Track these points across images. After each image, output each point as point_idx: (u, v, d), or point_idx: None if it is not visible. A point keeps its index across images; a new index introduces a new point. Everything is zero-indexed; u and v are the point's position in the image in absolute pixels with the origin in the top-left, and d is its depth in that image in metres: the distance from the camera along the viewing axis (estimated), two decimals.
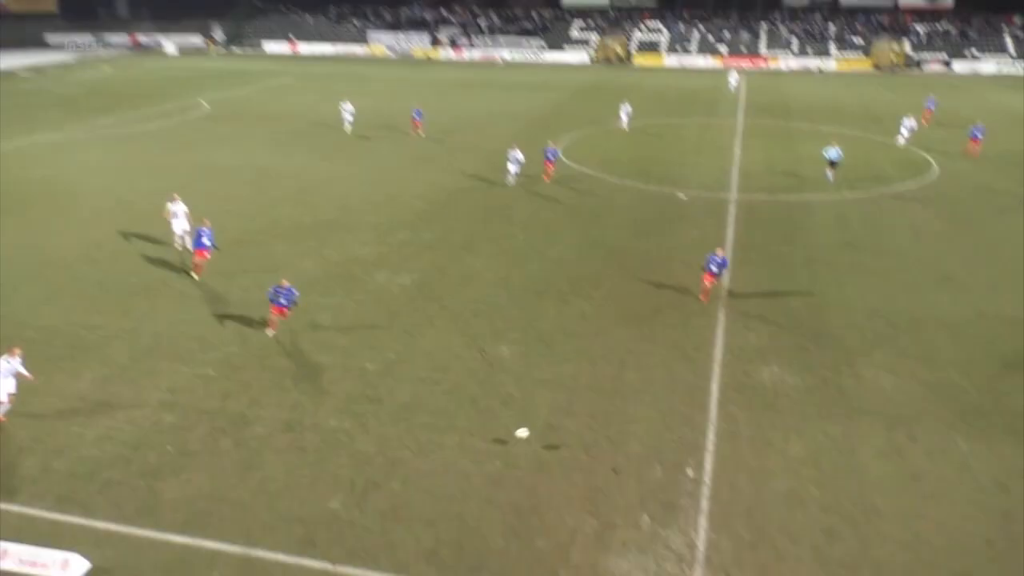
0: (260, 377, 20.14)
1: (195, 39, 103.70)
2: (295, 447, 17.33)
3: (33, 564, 13.79)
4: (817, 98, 64.80)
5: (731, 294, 25.30)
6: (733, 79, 66.15)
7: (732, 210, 34.17)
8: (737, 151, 45.42)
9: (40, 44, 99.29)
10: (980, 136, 43.58)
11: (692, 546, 14.54)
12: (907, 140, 45.42)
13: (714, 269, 24.34)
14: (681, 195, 36.32)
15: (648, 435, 17.87)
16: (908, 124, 45.51)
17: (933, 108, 53.32)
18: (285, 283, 22.17)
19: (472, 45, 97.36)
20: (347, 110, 49.52)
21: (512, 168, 36.69)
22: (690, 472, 16.59)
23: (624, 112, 50.54)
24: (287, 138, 48.32)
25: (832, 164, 36.53)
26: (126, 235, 30.48)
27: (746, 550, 14.42)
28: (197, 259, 25.86)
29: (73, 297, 24.76)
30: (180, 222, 28.14)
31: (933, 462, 16.89)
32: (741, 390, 19.74)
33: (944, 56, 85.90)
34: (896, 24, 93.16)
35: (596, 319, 23.68)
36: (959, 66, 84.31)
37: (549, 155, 37.98)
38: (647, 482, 16.29)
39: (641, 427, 18.18)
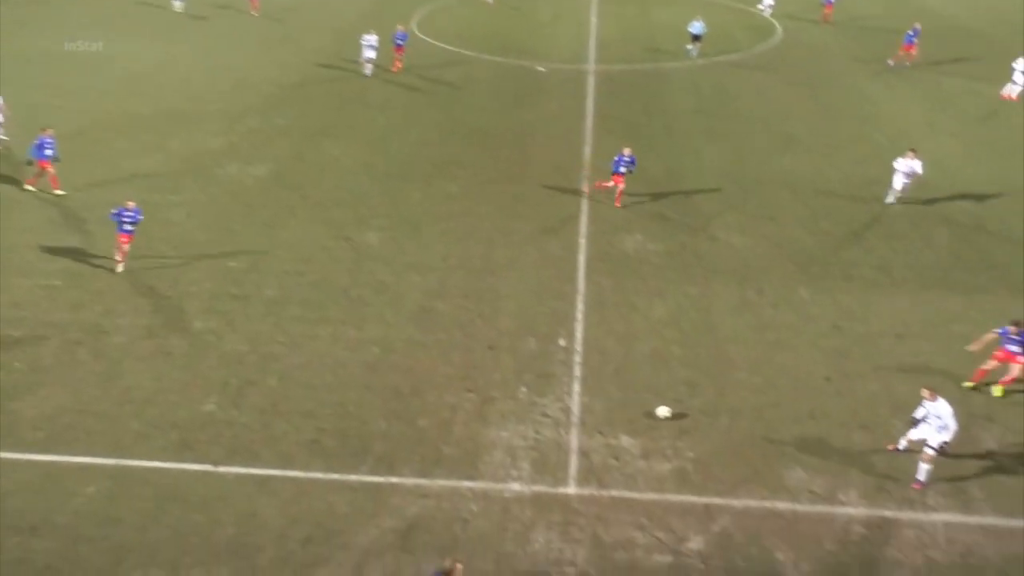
0: (113, 284, 19.00)
1: None
2: (160, 353, 16.69)
3: None
4: None
5: (594, 165, 25.75)
6: None
7: (591, 81, 34.27)
8: (594, 20, 45.12)
9: None
10: (914, 40, 38.83)
11: (567, 411, 15.34)
12: (771, 9, 45.54)
13: (622, 170, 22.91)
14: (540, 68, 35.98)
15: (520, 310, 18.36)
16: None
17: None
18: (132, 204, 19.44)
19: None
20: None
21: (368, 54, 33.95)
22: (562, 342, 17.28)
23: None
24: (110, 17, 43.62)
25: (696, 38, 36.53)
26: None
27: (616, 409, 15.36)
28: (39, 169, 23.10)
29: None
30: None
31: (779, 312, 18.34)
32: (606, 260, 20.47)
33: None
34: None
35: (462, 199, 23.61)
36: None
37: (398, 40, 34.94)
38: (522, 355, 16.87)
39: (513, 303, 18.63)
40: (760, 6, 45.79)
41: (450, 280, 19.47)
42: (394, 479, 13.67)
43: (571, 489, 13.55)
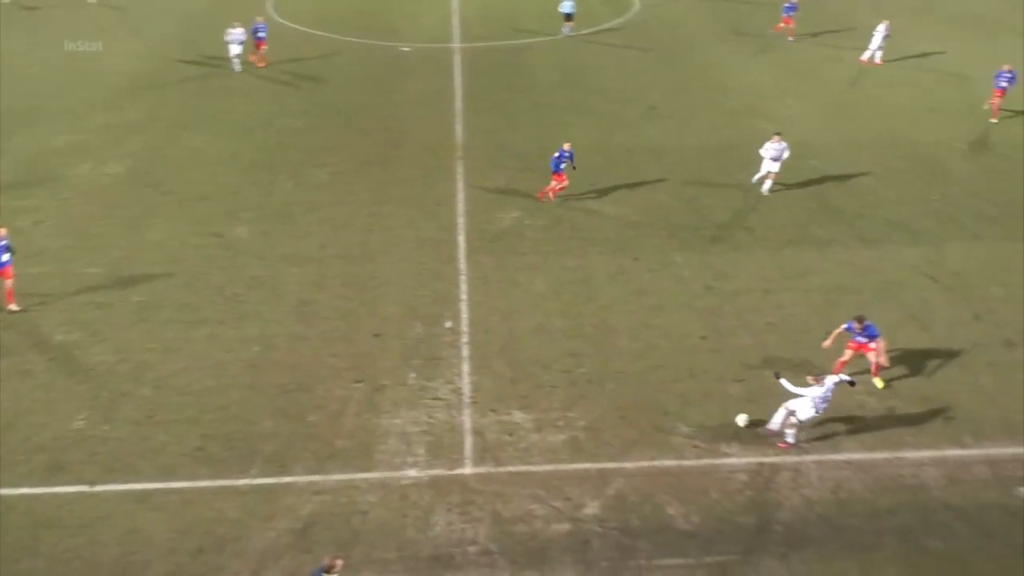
0: None
1: None
2: (17, 372, 15.57)
3: None
4: None
5: (466, 145, 25.75)
6: None
7: (457, 60, 34.12)
8: None
9: None
10: (792, 12, 38.33)
11: (458, 392, 15.42)
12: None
13: (563, 167, 21.60)
14: (405, 48, 35.48)
15: (404, 295, 18.24)
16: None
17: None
18: (3, 232, 17.27)
19: None
20: None
21: (235, 50, 31.60)
22: (448, 323, 17.31)
23: None
24: None
25: (568, 17, 36.20)
26: None
27: (507, 386, 15.57)
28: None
29: None
30: None
31: (654, 277, 19.03)
32: (485, 238, 20.58)
33: None
34: None
35: (335, 187, 23.11)
36: None
37: (259, 33, 32.28)
38: (409, 340, 16.78)
39: (395, 288, 18.48)
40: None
41: (329, 270, 19.08)
42: (287, 479, 13.39)
43: (468, 469, 13.68)
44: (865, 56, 33.35)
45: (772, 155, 22.30)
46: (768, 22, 38.77)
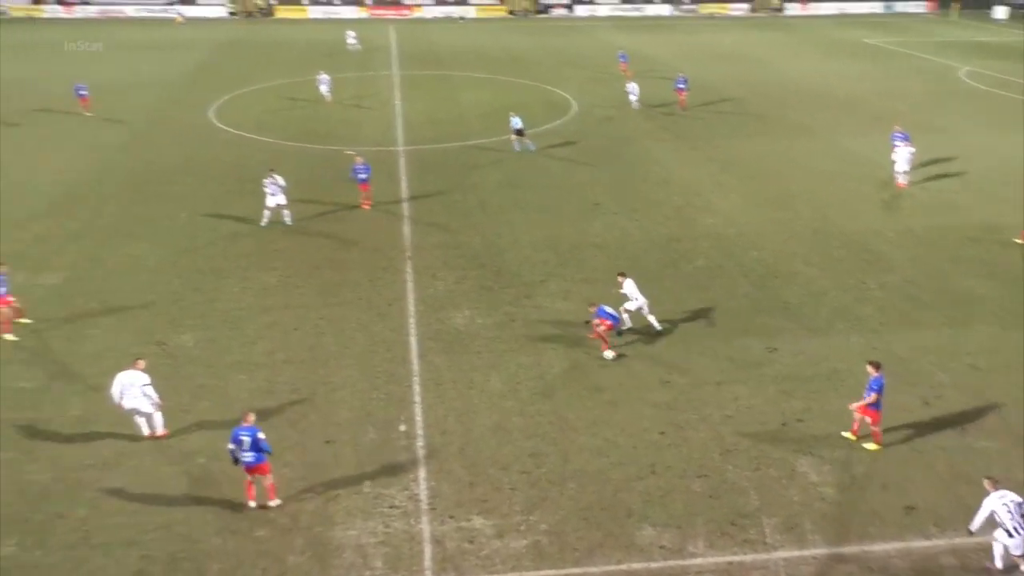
0: None
1: None
2: None
3: None
4: (464, 45, 67.54)
5: (415, 245, 25.85)
6: (351, 38, 63.66)
7: (402, 163, 34.67)
8: (398, 103, 45.94)
9: None
10: (684, 87, 43.69)
11: (415, 498, 14.89)
12: (637, 102, 44.06)
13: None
14: (349, 151, 35.88)
15: (356, 398, 17.81)
16: (634, 89, 44.43)
17: (626, 60, 55.91)
18: (3, 268, 19.60)
19: (86, 1, 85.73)
20: None
21: (276, 201, 27.02)
22: (402, 427, 16.89)
23: (323, 83, 45.21)
24: None
25: (519, 133, 37.13)
26: None
27: (465, 490, 15.12)
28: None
29: None
30: None
31: (609, 372, 19.01)
32: (438, 337, 20.40)
33: (567, 1, 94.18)
34: None
35: (282, 290, 22.80)
36: (580, 10, 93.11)
37: (359, 173, 28.78)
38: (362, 446, 16.28)
39: (347, 392, 18.05)
40: (632, 101, 44.17)
41: (279, 376, 18.58)
42: None
43: None
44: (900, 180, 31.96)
45: None
46: (691, 121, 40.76)
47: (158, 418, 16.30)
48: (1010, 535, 12.82)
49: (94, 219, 27.63)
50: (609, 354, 19.37)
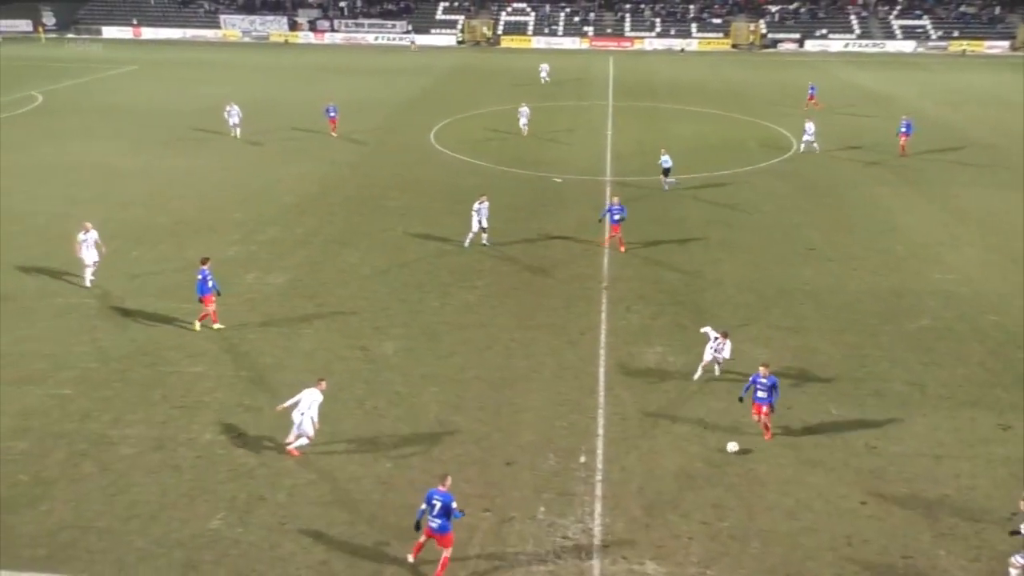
0: (123, 393, 18.70)
1: (22, 24, 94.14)
2: (168, 466, 16.17)
3: None
4: (682, 78, 66.87)
5: (612, 276, 25.65)
6: (544, 72, 64.41)
7: (608, 192, 34.67)
8: (609, 133, 46.19)
9: None
10: (907, 131, 40.18)
11: (589, 532, 14.56)
12: (810, 144, 40.94)
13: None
14: (557, 179, 36.54)
15: (539, 423, 17.80)
16: (810, 129, 41.17)
17: (815, 92, 54.23)
18: (207, 264, 21.33)
19: (334, 29, 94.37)
20: (233, 113, 43.17)
21: (478, 227, 27.87)
22: (583, 458, 16.63)
23: (523, 115, 44.78)
24: (137, 133, 45.15)
25: (666, 172, 35.20)
26: None
27: (640, 531, 14.57)
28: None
29: None
30: (91, 252, 24.04)
31: (808, 429, 17.64)
32: (627, 372, 19.99)
33: (797, 35, 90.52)
34: (752, 5, 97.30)
35: (480, 309, 23.42)
36: (811, 44, 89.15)
37: (613, 213, 27.71)
38: (541, 472, 16.21)
39: (532, 416, 18.09)
40: (803, 144, 41.28)
41: (468, 392, 19.01)
42: None
43: None
44: None
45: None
46: (924, 165, 37.37)
47: (303, 440, 16.44)
48: None
49: (319, 228, 30.00)
50: (733, 446, 16.73)
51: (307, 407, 16.31)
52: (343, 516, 14.88)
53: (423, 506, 13.44)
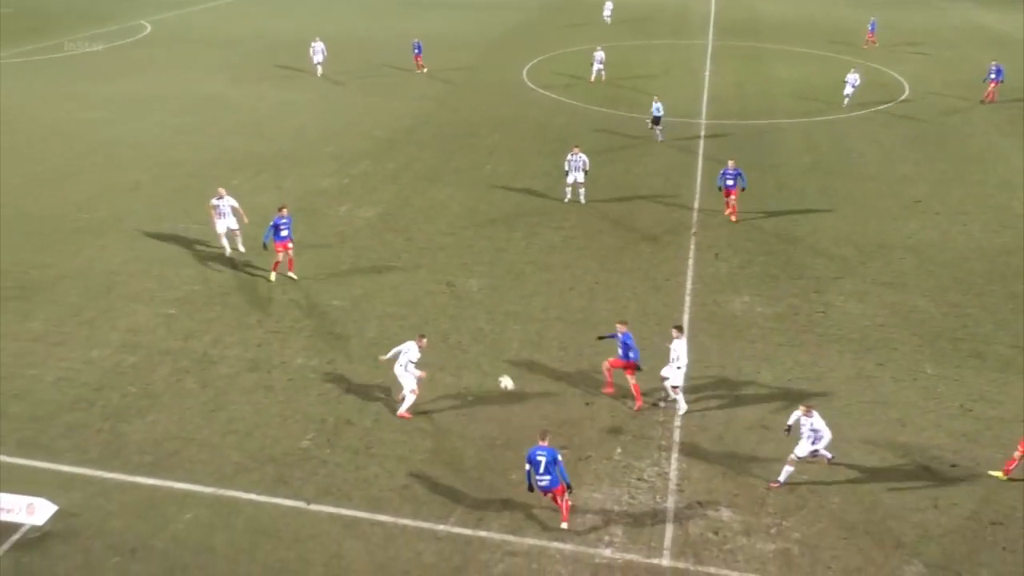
0: (223, 316, 19.67)
1: None
2: (262, 386, 17.02)
3: None
4: (790, 17, 63.65)
5: (701, 222, 25.12)
6: (607, 10, 61.58)
7: (702, 136, 33.72)
8: (707, 74, 44.67)
9: None
10: (999, 77, 37.97)
11: (664, 476, 14.65)
12: (850, 98, 37.57)
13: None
14: (648, 121, 35.68)
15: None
16: (853, 80, 37.71)
17: (874, 30, 51.67)
18: (285, 212, 20.95)
19: None
20: (318, 50, 42.66)
21: (572, 179, 26.41)
22: (662, 404, 16.62)
23: (597, 60, 42.68)
24: (240, 63, 46.30)
25: (656, 120, 32.97)
26: (68, 168, 29.27)
27: (717, 479, 14.57)
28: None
29: (18, 235, 23.78)
30: (227, 220, 22.10)
31: (900, 388, 17.11)
32: (712, 319, 19.73)
33: None
34: None
35: (566, 250, 23.40)
36: None
37: (727, 178, 25.21)
38: (619, 414, 16.31)
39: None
40: (845, 98, 37.63)
41: (549, 332, 19.17)
42: (482, 533, 13.32)
43: (665, 561, 12.84)
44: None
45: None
46: None
47: (410, 399, 16.12)
48: None
49: (410, 163, 30.35)
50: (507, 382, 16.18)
51: (406, 362, 16.02)
52: (425, 444, 15.40)
53: (527, 466, 13.35)
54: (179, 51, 49.53)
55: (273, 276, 21.24)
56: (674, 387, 16.20)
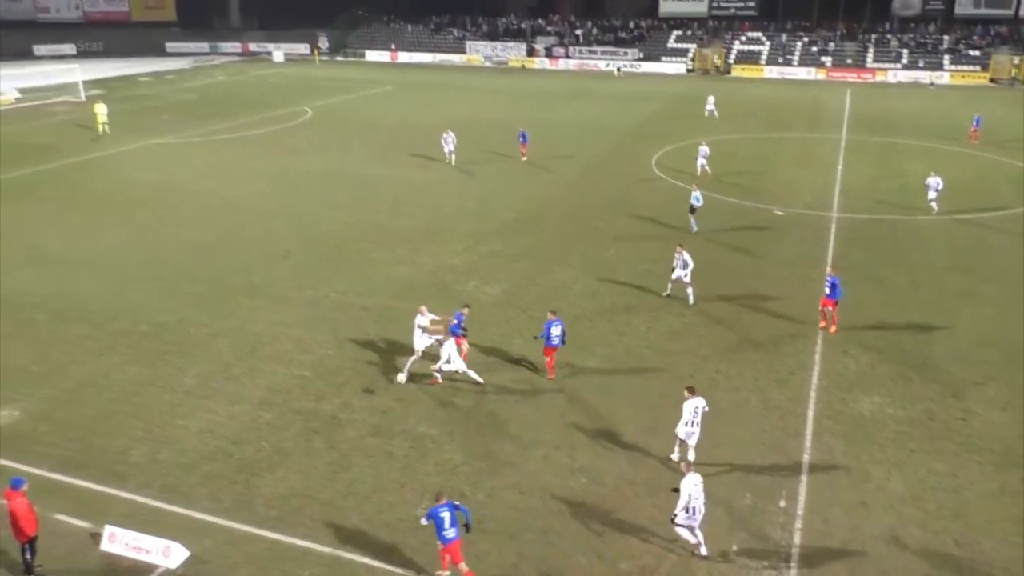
0: (353, 381, 20.64)
1: (302, 48, 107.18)
2: (383, 451, 17.66)
3: (138, 549, 14.50)
4: (926, 113, 61.91)
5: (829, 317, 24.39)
6: (710, 104, 60.83)
7: (832, 228, 33.00)
8: (840, 167, 43.87)
9: (160, 52, 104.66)
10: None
11: None
12: (936, 203, 34.87)
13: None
14: (778, 211, 35.33)
15: (739, 460, 17.41)
16: (934, 184, 34.88)
17: (978, 126, 49.86)
18: (466, 310, 20.79)
19: (568, 56, 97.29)
20: (449, 140, 44.31)
21: (675, 276, 25.25)
22: (782, 503, 16.06)
23: (701, 155, 41.11)
24: (385, 146, 49.38)
25: (692, 210, 32.01)
26: (231, 236, 31.83)
27: None
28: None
29: (184, 295, 25.98)
30: (423, 339, 20.71)
31: None
32: (838, 419, 19.00)
33: None
34: (1016, 35, 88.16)
35: (687, 337, 23.25)
36: None
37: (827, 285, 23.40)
38: (736, 510, 15.86)
39: (731, 451, 17.73)
40: (931, 203, 34.73)
41: (666, 419, 18.90)
42: None
43: None
44: None
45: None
46: None
47: (445, 367, 19.64)
48: None
49: (536, 244, 31.18)
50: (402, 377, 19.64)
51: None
52: (537, 523, 15.46)
53: (426, 521, 13.89)
54: (334, 132, 53.48)
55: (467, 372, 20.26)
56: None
